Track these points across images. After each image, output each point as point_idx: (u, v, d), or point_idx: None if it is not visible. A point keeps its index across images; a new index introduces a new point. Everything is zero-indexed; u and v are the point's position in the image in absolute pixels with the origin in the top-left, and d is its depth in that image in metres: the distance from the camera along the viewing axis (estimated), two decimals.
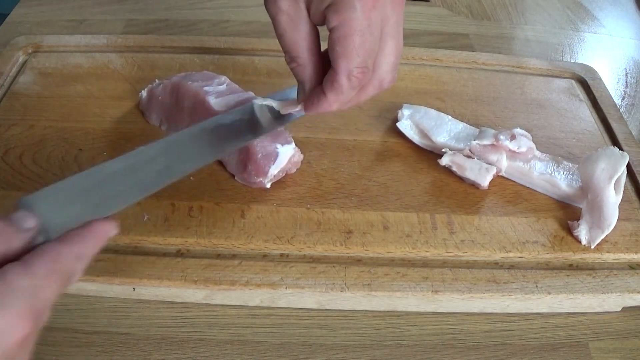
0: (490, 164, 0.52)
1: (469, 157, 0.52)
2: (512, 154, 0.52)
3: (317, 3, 0.39)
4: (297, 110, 0.45)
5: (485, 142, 0.52)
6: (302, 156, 0.51)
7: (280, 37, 0.41)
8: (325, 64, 0.42)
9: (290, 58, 0.42)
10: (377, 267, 0.45)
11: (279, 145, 0.50)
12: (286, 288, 0.44)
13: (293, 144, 0.50)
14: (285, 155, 0.50)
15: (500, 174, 0.53)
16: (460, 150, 0.53)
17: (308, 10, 0.40)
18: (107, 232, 0.35)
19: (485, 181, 0.52)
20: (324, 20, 0.39)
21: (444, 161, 0.53)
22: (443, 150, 0.53)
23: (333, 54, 0.40)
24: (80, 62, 0.63)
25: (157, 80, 0.57)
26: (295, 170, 0.52)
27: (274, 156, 0.49)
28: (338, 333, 0.44)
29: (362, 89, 0.42)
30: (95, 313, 0.44)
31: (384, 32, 0.40)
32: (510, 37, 0.80)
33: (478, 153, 0.52)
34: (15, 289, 0.28)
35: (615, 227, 0.48)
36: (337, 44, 0.39)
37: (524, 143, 0.52)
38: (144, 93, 0.57)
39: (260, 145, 0.49)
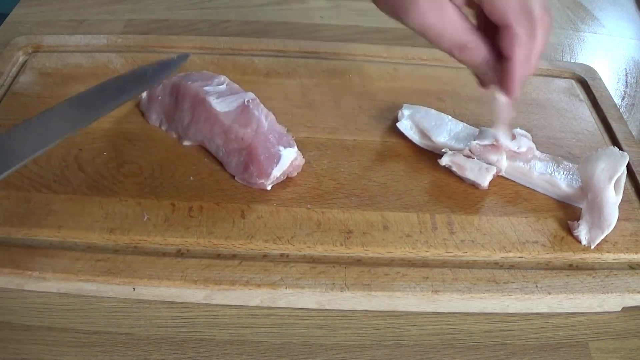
0: (490, 164, 0.52)
1: (468, 157, 0.52)
2: (512, 154, 0.52)
3: None
4: (507, 107, 0.46)
5: (486, 142, 0.52)
6: (303, 160, 0.52)
7: (439, 38, 0.40)
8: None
9: (459, 49, 0.41)
10: (377, 267, 0.45)
11: (282, 148, 0.50)
12: (286, 288, 0.44)
13: (295, 148, 0.51)
14: (287, 158, 0.50)
15: (500, 174, 0.53)
16: (460, 151, 0.53)
17: None
18: None
19: (485, 181, 0.52)
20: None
21: (444, 161, 0.53)
22: (443, 150, 0.53)
23: (495, 11, 0.39)
24: (80, 62, 0.63)
25: None
26: (296, 174, 0.52)
27: (276, 158, 0.49)
28: (338, 333, 0.44)
29: (534, 40, 0.41)
30: (95, 313, 0.44)
31: None
32: None
33: (478, 153, 0.52)
34: None
35: (615, 227, 0.48)
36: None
37: (524, 143, 0.52)
38: (144, 93, 0.57)
39: (263, 146, 0.49)
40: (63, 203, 0.48)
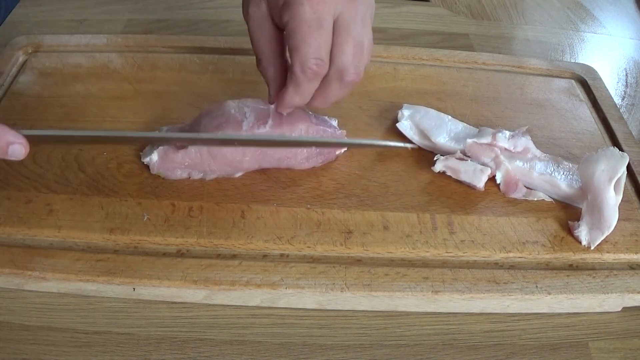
0: (484, 164, 0.52)
1: (461, 159, 0.52)
2: (511, 154, 0.52)
3: (274, 5, 0.43)
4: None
5: (483, 140, 0.52)
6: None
7: (251, 42, 0.45)
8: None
9: (257, 60, 0.46)
10: (377, 267, 0.45)
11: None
12: (286, 288, 0.44)
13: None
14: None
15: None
16: (452, 154, 0.53)
17: (272, 16, 0.43)
18: (9, 142, 0.40)
19: (480, 182, 0.52)
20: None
21: (437, 167, 0.52)
22: (435, 158, 0.53)
23: (288, 48, 0.43)
24: (80, 62, 0.63)
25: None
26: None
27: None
28: (338, 333, 0.44)
29: (324, 83, 0.44)
30: (95, 313, 0.44)
31: (338, 25, 0.42)
32: (510, 37, 0.80)
33: (472, 153, 0.52)
34: None
35: (615, 227, 0.48)
36: (289, 37, 0.42)
37: (520, 143, 0.52)
38: (155, 155, 0.50)
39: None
40: (63, 203, 0.48)
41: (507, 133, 0.53)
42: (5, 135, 0.40)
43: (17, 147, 0.41)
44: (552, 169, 0.52)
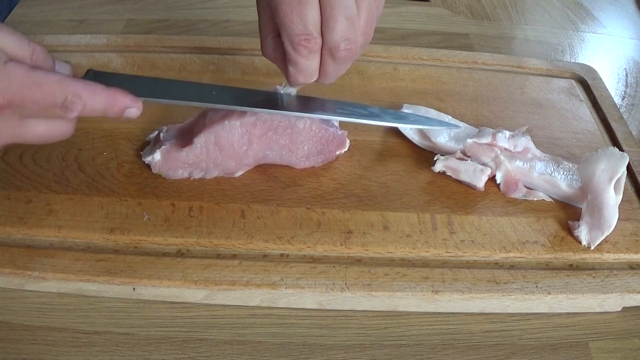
0: (484, 164, 0.52)
1: (462, 159, 0.52)
2: (511, 154, 0.52)
3: None
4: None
5: (483, 140, 0.52)
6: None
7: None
8: None
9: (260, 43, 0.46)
10: (377, 267, 0.45)
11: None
12: (286, 288, 0.44)
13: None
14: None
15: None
16: (452, 154, 0.53)
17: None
18: (126, 105, 0.41)
19: (480, 182, 0.52)
20: None
21: (437, 167, 0.52)
22: (435, 158, 0.53)
23: (278, 27, 0.42)
24: (80, 62, 0.63)
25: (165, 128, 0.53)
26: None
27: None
28: (338, 333, 0.44)
29: (323, 62, 0.43)
30: (95, 313, 0.44)
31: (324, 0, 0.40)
32: (510, 37, 0.80)
33: (472, 153, 0.52)
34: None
35: (615, 227, 0.48)
36: (275, 16, 0.41)
37: (520, 143, 0.52)
38: (157, 154, 0.51)
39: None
40: (63, 203, 0.48)
41: (507, 133, 0.53)
42: (124, 99, 0.41)
43: (132, 111, 0.42)
44: (552, 169, 0.52)
